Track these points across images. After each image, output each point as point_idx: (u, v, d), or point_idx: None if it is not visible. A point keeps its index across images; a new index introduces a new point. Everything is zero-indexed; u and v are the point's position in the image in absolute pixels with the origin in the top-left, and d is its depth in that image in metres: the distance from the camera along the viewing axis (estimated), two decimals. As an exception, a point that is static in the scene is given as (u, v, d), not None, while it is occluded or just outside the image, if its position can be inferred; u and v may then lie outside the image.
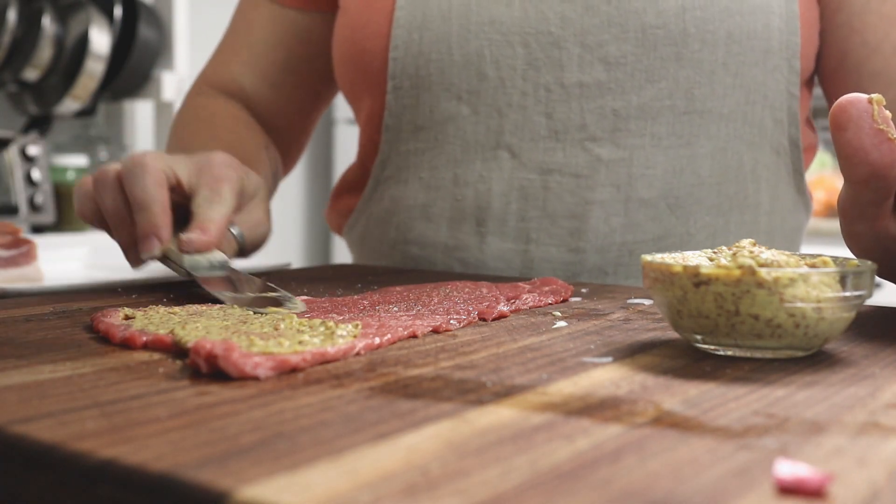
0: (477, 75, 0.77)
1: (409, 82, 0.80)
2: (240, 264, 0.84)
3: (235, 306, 0.53)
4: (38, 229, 1.78)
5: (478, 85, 0.78)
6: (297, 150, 1.00)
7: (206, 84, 0.94)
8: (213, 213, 0.62)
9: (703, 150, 0.77)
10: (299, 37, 0.92)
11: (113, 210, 0.62)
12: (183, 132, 0.90)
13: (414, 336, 0.47)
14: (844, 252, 0.52)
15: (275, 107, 0.94)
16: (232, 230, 0.67)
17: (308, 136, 1.00)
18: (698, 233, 0.77)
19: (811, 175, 2.72)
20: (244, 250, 0.69)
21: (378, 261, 0.87)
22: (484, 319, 0.52)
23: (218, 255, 0.62)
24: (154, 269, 0.83)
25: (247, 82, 0.93)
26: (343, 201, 0.92)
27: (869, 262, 0.44)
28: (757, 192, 0.80)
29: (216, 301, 0.56)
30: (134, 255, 0.63)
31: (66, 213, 1.83)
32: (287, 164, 1.00)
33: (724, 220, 0.78)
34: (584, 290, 0.65)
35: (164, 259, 0.63)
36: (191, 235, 0.60)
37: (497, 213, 0.78)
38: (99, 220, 0.65)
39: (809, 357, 0.43)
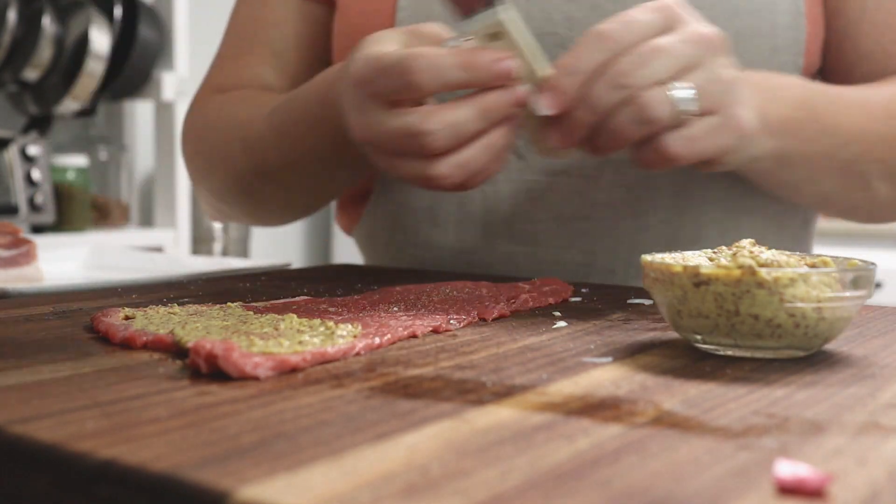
0: None
1: None
2: (239, 265, 0.84)
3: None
4: (38, 229, 1.78)
5: None
6: None
7: (216, 91, 0.87)
8: None
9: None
10: (326, 33, 0.87)
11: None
12: (208, 135, 0.83)
13: (414, 336, 0.47)
14: (848, 252, 0.52)
15: None
16: None
17: None
18: (709, 232, 0.76)
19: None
20: None
21: (387, 263, 0.86)
22: (484, 319, 0.52)
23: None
24: (154, 270, 0.83)
25: (273, 81, 0.86)
26: (351, 204, 0.90)
27: (869, 262, 0.44)
28: (764, 195, 0.79)
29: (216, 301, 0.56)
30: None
31: (66, 213, 1.83)
32: None
33: (734, 219, 0.77)
34: (584, 290, 0.65)
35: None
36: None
37: (505, 215, 0.77)
38: None
39: (809, 357, 0.43)
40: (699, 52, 0.55)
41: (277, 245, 2.78)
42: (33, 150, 1.76)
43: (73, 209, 1.84)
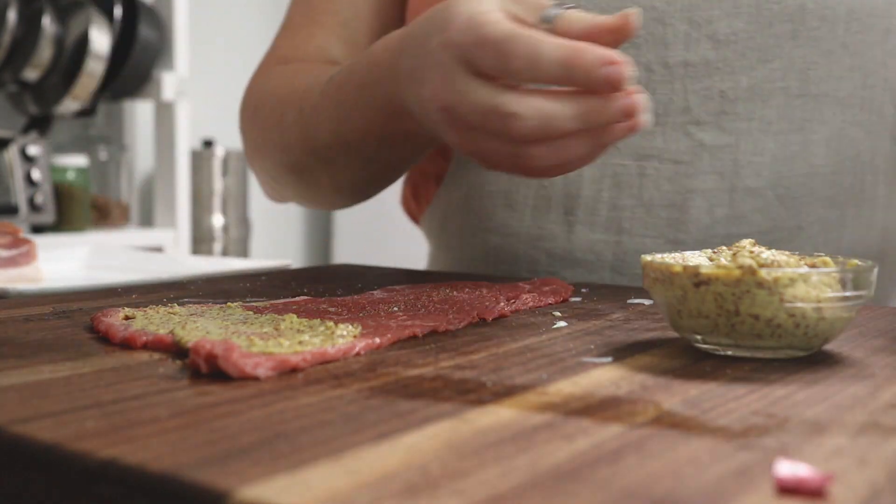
0: None
1: None
2: (239, 265, 0.84)
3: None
4: (38, 229, 1.78)
5: None
6: None
7: (280, 62, 0.82)
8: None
9: (816, 137, 0.71)
10: (396, 2, 0.82)
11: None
12: (271, 108, 0.77)
13: (414, 336, 0.47)
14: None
15: None
16: None
17: None
18: (810, 227, 0.72)
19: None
20: None
21: (458, 250, 0.80)
22: (484, 319, 0.52)
23: None
24: (154, 270, 0.83)
25: (339, 53, 0.81)
26: (423, 186, 0.86)
27: (869, 262, 0.44)
28: (875, 185, 0.74)
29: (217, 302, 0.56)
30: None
31: (66, 213, 1.83)
32: None
33: (839, 214, 0.72)
34: (584, 290, 0.65)
35: None
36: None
37: (587, 200, 0.72)
38: None
39: (809, 357, 0.43)
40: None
41: (277, 245, 2.78)
42: (33, 150, 1.76)
43: (73, 209, 1.84)
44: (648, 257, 0.46)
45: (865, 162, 0.73)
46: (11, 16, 1.74)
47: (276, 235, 2.78)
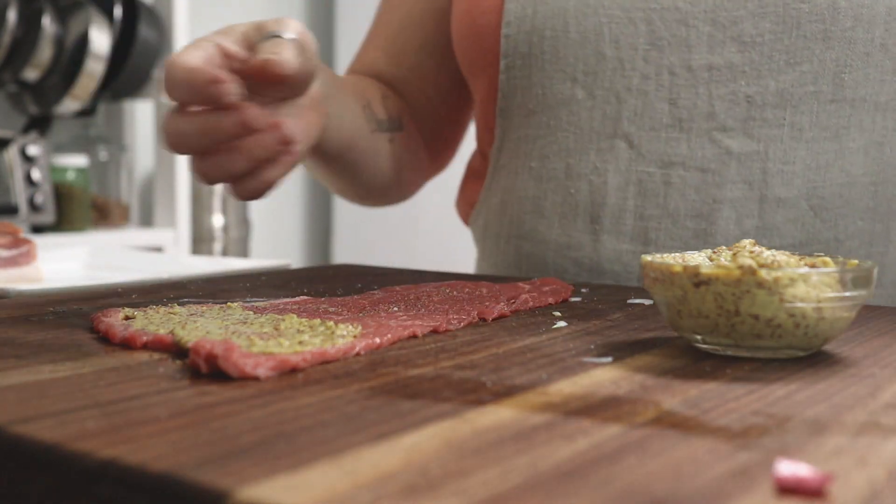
0: (594, 55, 0.71)
1: (521, 61, 0.74)
2: (239, 265, 0.84)
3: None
4: (38, 229, 1.78)
5: (595, 66, 0.71)
6: (444, 142, 0.92)
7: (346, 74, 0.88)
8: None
9: (854, 145, 0.67)
10: (437, 16, 0.85)
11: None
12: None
13: (414, 336, 0.47)
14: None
15: (413, 88, 0.86)
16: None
17: (460, 128, 0.92)
18: (849, 239, 0.68)
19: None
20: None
21: (496, 256, 0.81)
22: (484, 319, 0.52)
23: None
24: (154, 270, 0.83)
25: (382, 66, 0.86)
26: (468, 190, 0.87)
27: (869, 262, 0.44)
28: None
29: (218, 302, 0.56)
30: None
31: (66, 213, 1.83)
32: (435, 156, 0.92)
33: (883, 227, 0.69)
34: (584, 290, 0.65)
35: None
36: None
37: (613, 209, 0.72)
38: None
39: (809, 357, 0.43)
40: None
41: (277, 245, 2.78)
42: (33, 150, 1.76)
43: (73, 209, 1.84)
44: (648, 257, 0.46)
45: None
46: (11, 16, 1.74)
47: (276, 235, 2.78)
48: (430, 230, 2.50)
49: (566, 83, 0.73)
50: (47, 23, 1.77)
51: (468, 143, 0.92)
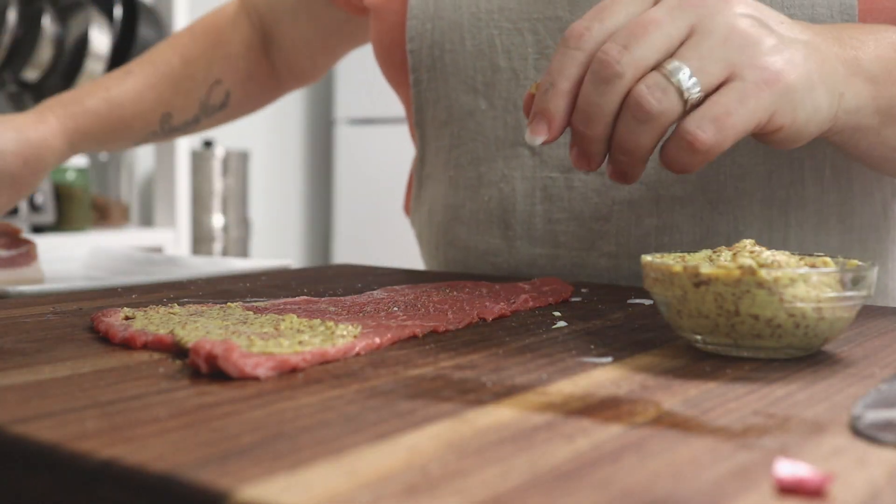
0: (490, 66, 0.73)
1: (427, 75, 0.77)
2: (239, 265, 0.84)
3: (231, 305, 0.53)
4: (38, 229, 1.78)
5: (492, 77, 0.74)
6: (312, 70, 0.99)
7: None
8: None
9: (745, 137, 0.67)
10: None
11: None
12: (156, 48, 0.96)
13: (414, 336, 0.47)
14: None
15: (284, 27, 0.95)
16: None
17: (332, 59, 0.98)
18: (748, 229, 0.68)
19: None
20: None
21: (431, 261, 0.84)
22: (484, 319, 0.52)
23: None
24: (154, 270, 0.83)
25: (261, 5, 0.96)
26: (408, 196, 0.90)
27: (869, 262, 0.44)
28: (819, 182, 0.68)
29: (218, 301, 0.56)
30: None
31: (66, 213, 1.83)
32: (299, 77, 1.00)
33: (781, 212, 0.68)
34: (583, 290, 0.65)
35: None
36: None
37: (522, 215, 0.73)
38: None
39: (809, 357, 0.43)
40: (689, 16, 0.46)
41: (277, 245, 2.78)
42: (33, 150, 1.75)
43: (73, 209, 1.84)
44: (648, 257, 0.46)
45: (803, 157, 0.68)
46: (11, 16, 1.74)
47: (276, 235, 2.78)
48: (430, 230, 2.49)
49: (469, 94, 0.75)
50: (47, 23, 1.77)
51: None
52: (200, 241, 2.28)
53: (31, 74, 1.80)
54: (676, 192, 0.69)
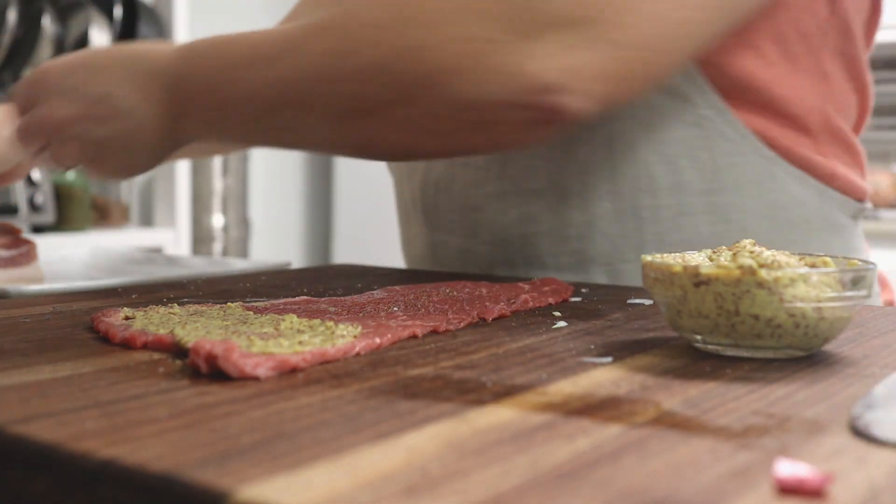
0: None
1: None
2: (239, 265, 0.84)
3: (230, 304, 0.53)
4: (38, 229, 1.78)
5: None
6: None
7: None
8: None
9: (586, 136, 0.69)
10: None
11: None
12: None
13: (414, 336, 0.47)
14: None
15: None
16: None
17: None
18: (599, 220, 0.70)
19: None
20: None
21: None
22: (484, 319, 0.52)
23: None
24: (154, 270, 0.83)
25: None
26: None
27: (869, 262, 0.44)
28: (664, 164, 0.69)
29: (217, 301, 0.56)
30: None
31: (66, 213, 1.83)
32: None
33: (630, 206, 0.70)
34: (584, 290, 0.65)
35: None
36: None
37: (424, 207, 0.80)
38: None
39: (809, 357, 0.43)
40: None
41: (277, 245, 2.78)
42: (33, 150, 1.76)
43: (73, 209, 1.84)
44: (648, 257, 0.46)
45: (639, 142, 0.70)
46: (11, 16, 1.74)
47: (276, 235, 2.78)
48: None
49: None
50: (47, 23, 1.77)
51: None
52: (200, 241, 2.28)
53: (31, 74, 1.80)
54: (532, 185, 0.72)
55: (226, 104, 0.60)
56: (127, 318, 0.49)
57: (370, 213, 2.75)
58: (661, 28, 0.53)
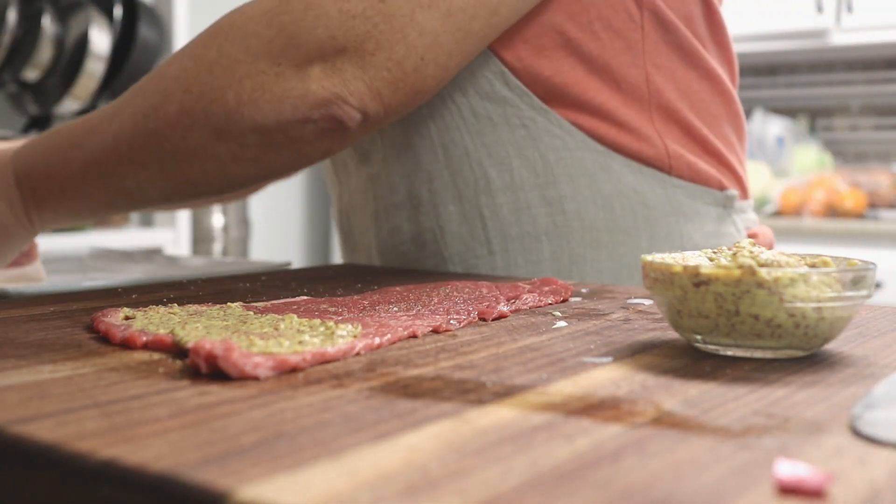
0: None
1: None
2: (239, 265, 0.84)
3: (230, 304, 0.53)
4: (38, 229, 1.78)
5: None
6: None
7: None
8: None
9: (421, 143, 0.77)
10: None
11: None
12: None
13: (414, 336, 0.47)
14: (848, 252, 0.52)
15: None
16: None
17: None
18: (449, 223, 0.77)
19: (809, 175, 2.72)
20: None
21: None
22: (484, 319, 0.52)
23: None
24: (154, 270, 0.83)
25: None
26: None
27: (869, 262, 0.44)
28: (496, 165, 0.75)
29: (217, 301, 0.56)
30: None
31: (66, 213, 1.83)
32: None
33: (473, 209, 0.76)
34: (584, 290, 0.65)
35: None
36: None
37: (343, 232, 0.89)
38: None
39: (809, 357, 0.43)
40: None
41: (277, 245, 2.78)
42: (33, 150, 1.75)
43: (73, 209, 1.83)
44: (648, 257, 0.46)
45: (470, 149, 0.77)
46: (11, 16, 1.74)
47: (276, 235, 2.78)
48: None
49: None
50: (47, 23, 1.77)
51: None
52: (200, 241, 2.28)
53: (31, 74, 1.80)
54: (395, 199, 0.80)
55: (72, 180, 0.66)
56: (127, 318, 0.49)
57: (370, 213, 2.74)
58: (409, 52, 0.63)
